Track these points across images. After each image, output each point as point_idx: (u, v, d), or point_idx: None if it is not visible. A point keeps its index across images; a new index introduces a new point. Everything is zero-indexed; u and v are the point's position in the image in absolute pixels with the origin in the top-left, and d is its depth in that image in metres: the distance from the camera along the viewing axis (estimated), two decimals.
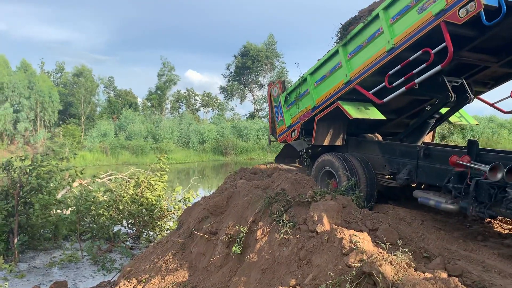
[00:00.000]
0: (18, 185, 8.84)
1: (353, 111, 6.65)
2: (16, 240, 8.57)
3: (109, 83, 57.51)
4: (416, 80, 5.67)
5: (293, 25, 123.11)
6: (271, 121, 8.90)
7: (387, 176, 6.57)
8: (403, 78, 5.80)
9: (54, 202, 9.31)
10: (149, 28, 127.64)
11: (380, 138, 7.71)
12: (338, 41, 7.21)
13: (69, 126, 45.10)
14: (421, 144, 7.24)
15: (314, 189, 4.91)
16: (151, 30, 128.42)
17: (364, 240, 3.87)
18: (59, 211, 9.80)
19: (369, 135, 7.70)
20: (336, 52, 6.87)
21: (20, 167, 9.15)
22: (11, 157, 9.44)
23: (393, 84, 5.91)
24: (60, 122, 47.47)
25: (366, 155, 6.95)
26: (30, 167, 9.13)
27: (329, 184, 6.14)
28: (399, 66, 5.80)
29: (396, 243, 4.11)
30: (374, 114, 6.84)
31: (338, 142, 7.40)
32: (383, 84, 6.05)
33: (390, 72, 5.92)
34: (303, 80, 7.76)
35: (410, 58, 5.60)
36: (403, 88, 5.85)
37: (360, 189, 6.21)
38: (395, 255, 3.64)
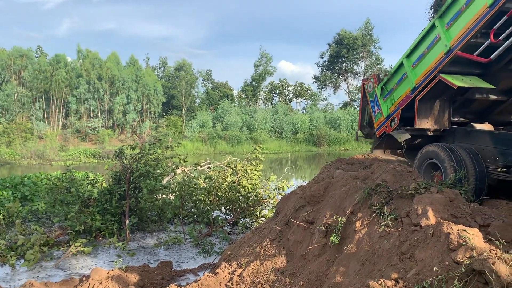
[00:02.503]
0: (129, 171, 9.63)
1: (457, 81, 6.45)
2: (127, 222, 9.37)
3: (207, 76, 60.15)
4: None
5: (388, 11, 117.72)
6: (360, 117, 8.88)
7: (499, 169, 6.05)
8: (511, 28, 5.65)
9: (160, 187, 10.00)
10: (243, 21, 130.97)
11: (491, 128, 7.10)
12: (431, 17, 6.97)
13: (172, 117, 48.15)
14: None
15: (418, 181, 4.68)
16: (246, 23, 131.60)
17: (474, 236, 3.60)
18: (164, 196, 10.52)
19: (478, 124, 7.13)
20: (433, 26, 6.74)
21: (130, 154, 9.95)
22: (123, 146, 10.32)
23: (500, 38, 5.79)
24: (164, 114, 50.78)
25: (476, 146, 6.45)
26: (140, 155, 9.88)
27: (434, 176, 5.82)
28: (504, 17, 5.64)
29: None
30: (480, 83, 6.62)
31: (444, 124, 7.02)
32: (488, 41, 5.94)
33: (495, 27, 5.80)
34: (399, 66, 7.62)
35: None
36: None
37: (469, 182, 5.81)
38: (511, 253, 3.35)
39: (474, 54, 6.20)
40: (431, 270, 3.50)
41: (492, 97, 7.15)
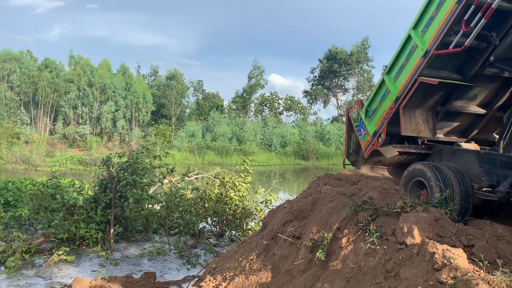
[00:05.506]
0: (116, 179, 9.53)
1: (437, 80, 6.77)
2: (112, 231, 9.24)
3: (198, 86, 60.22)
4: (493, 5, 5.73)
5: (381, 31, 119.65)
6: (347, 146, 9.01)
7: (484, 189, 6.12)
8: (480, 13, 5.90)
9: (146, 197, 9.90)
10: (236, 34, 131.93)
11: (478, 147, 7.23)
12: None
13: (161, 126, 47.96)
14: None
15: (405, 199, 4.71)
16: (238, 35, 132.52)
17: (458, 256, 3.63)
18: (150, 205, 10.42)
19: (465, 144, 7.24)
20: (408, 38, 7.12)
21: (118, 163, 9.86)
22: (111, 154, 10.22)
23: (471, 25, 6.06)
24: (153, 122, 50.57)
25: (461, 165, 6.53)
26: (127, 164, 9.79)
27: (420, 195, 5.86)
28: (472, 7, 5.96)
29: (495, 262, 3.81)
30: (459, 82, 7.00)
31: (429, 134, 7.20)
32: (461, 32, 6.21)
33: (465, 17, 6.10)
34: (381, 84, 7.88)
35: None
36: (483, 20, 5.91)
37: (454, 201, 5.85)
38: (494, 275, 3.39)
39: (450, 47, 6.49)
40: None
41: (472, 109, 7.40)
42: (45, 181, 11.87)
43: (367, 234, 4.41)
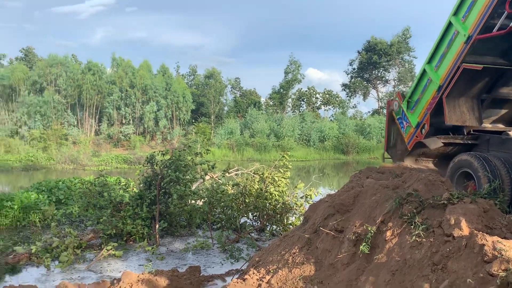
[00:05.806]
0: (160, 176, 9.80)
1: (481, 65, 6.60)
2: (157, 226, 9.52)
3: (235, 83, 60.51)
4: None
5: (422, 21, 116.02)
6: (387, 139, 8.88)
7: None
8: None
9: (189, 193, 10.12)
10: (271, 30, 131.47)
11: None
12: None
13: (201, 124, 48.65)
14: None
15: (451, 191, 4.59)
16: (273, 32, 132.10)
17: (510, 248, 3.51)
18: (193, 201, 10.64)
19: None
20: (449, 25, 6.97)
21: (161, 160, 10.13)
22: (154, 152, 10.52)
23: None
24: (193, 121, 51.37)
25: (511, 155, 6.26)
26: (170, 161, 10.04)
27: (467, 186, 5.67)
28: None
29: None
30: (505, 67, 6.80)
31: (475, 122, 6.95)
32: (505, 13, 6.02)
33: None
34: (422, 74, 7.69)
35: None
36: None
37: (504, 192, 5.63)
38: None
39: (494, 30, 6.28)
40: (464, 282, 3.43)
41: None
42: (93, 179, 12.35)
43: (412, 226, 4.33)
